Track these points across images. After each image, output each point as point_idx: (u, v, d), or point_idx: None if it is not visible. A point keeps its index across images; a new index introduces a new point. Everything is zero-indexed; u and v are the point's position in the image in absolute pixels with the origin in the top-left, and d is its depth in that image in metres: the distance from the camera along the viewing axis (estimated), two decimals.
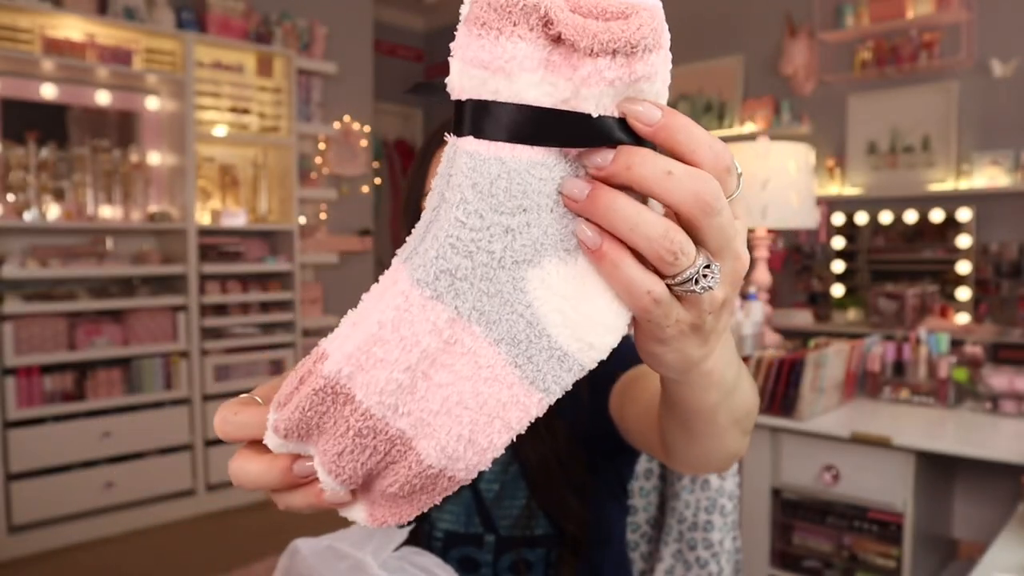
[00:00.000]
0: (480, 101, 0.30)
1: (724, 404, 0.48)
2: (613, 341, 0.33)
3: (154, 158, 3.47)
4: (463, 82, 0.30)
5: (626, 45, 0.29)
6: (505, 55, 0.29)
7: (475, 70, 0.29)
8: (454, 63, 0.30)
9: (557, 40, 0.29)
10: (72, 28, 3.17)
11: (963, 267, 3.78)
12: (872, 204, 4.07)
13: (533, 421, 0.33)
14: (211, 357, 3.42)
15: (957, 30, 3.73)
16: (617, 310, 0.33)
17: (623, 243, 0.32)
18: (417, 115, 6.32)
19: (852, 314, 3.92)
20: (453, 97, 0.31)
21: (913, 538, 1.76)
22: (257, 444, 0.35)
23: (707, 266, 0.32)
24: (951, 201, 3.81)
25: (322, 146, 4.15)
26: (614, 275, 0.32)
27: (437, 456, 0.31)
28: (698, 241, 0.32)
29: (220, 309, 3.50)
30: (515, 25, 0.28)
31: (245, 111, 3.64)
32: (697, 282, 0.32)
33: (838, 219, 4.15)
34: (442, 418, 0.31)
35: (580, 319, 0.33)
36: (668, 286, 0.32)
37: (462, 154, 0.30)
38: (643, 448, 0.77)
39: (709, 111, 4.57)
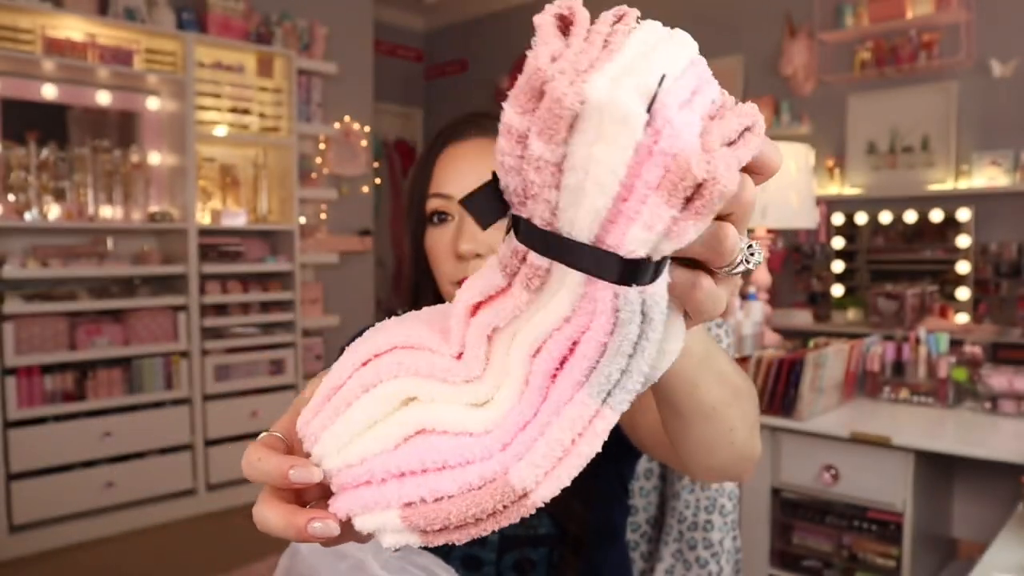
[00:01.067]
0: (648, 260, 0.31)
1: (702, 376, 0.49)
2: (680, 346, 0.37)
3: (154, 158, 3.48)
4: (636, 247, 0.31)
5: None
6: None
7: (648, 235, 0.30)
8: (636, 227, 0.30)
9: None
10: (73, 28, 3.17)
11: (962, 267, 3.78)
12: (872, 204, 4.07)
13: None
14: (211, 357, 3.42)
15: (956, 30, 3.73)
16: (676, 318, 0.36)
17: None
18: (417, 115, 6.32)
19: (852, 314, 3.92)
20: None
21: (912, 538, 1.76)
22: (278, 490, 0.37)
23: (749, 245, 0.35)
24: (950, 201, 3.82)
25: (322, 146, 4.16)
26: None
27: (534, 484, 0.33)
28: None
29: (220, 309, 3.51)
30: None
31: (245, 111, 3.64)
32: (747, 260, 0.35)
33: (838, 219, 4.15)
34: (562, 470, 0.33)
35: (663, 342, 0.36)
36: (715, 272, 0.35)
37: (642, 298, 0.32)
38: (660, 459, 0.78)
39: None
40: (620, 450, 0.88)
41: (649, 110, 0.28)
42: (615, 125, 0.28)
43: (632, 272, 0.31)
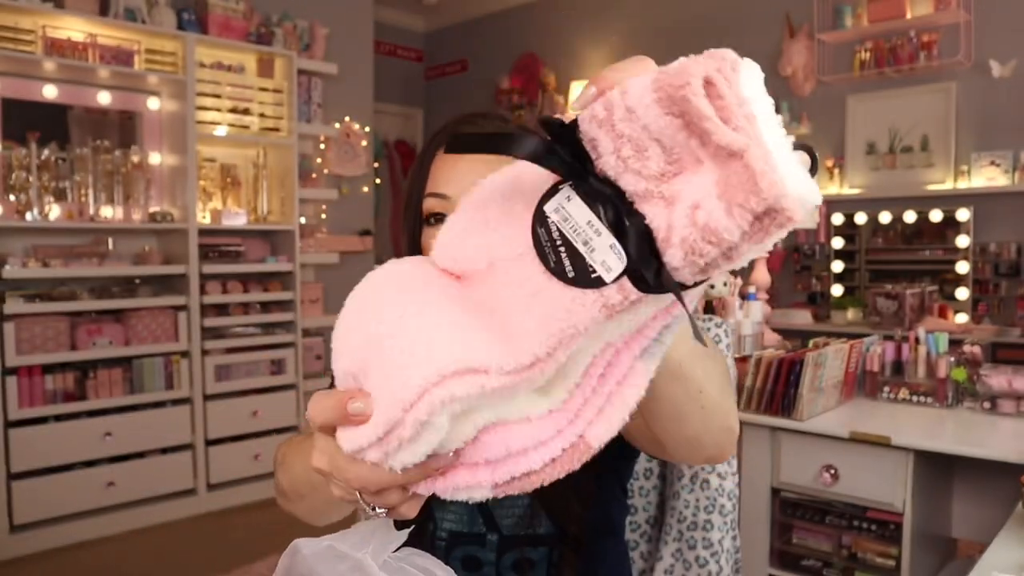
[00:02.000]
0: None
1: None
2: None
3: (155, 158, 3.48)
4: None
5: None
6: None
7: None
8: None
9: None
10: (73, 29, 3.17)
11: (962, 267, 3.79)
12: (871, 204, 4.07)
13: None
14: (212, 357, 3.42)
15: (956, 31, 3.73)
16: None
17: None
18: (417, 115, 6.32)
19: (851, 314, 3.93)
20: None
21: (912, 537, 1.76)
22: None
23: None
24: (950, 201, 3.82)
25: (322, 146, 4.16)
26: None
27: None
28: None
29: (221, 309, 3.51)
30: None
31: (246, 111, 3.65)
32: None
33: (837, 219, 4.15)
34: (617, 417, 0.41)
35: None
36: None
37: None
38: (643, 445, 0.78)
39: None
40: (617, 450, 0.88)
41: None
42: (803, 213, 0.32)
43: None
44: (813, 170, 0.33)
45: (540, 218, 0.37)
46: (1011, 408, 1.90)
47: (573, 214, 0.36)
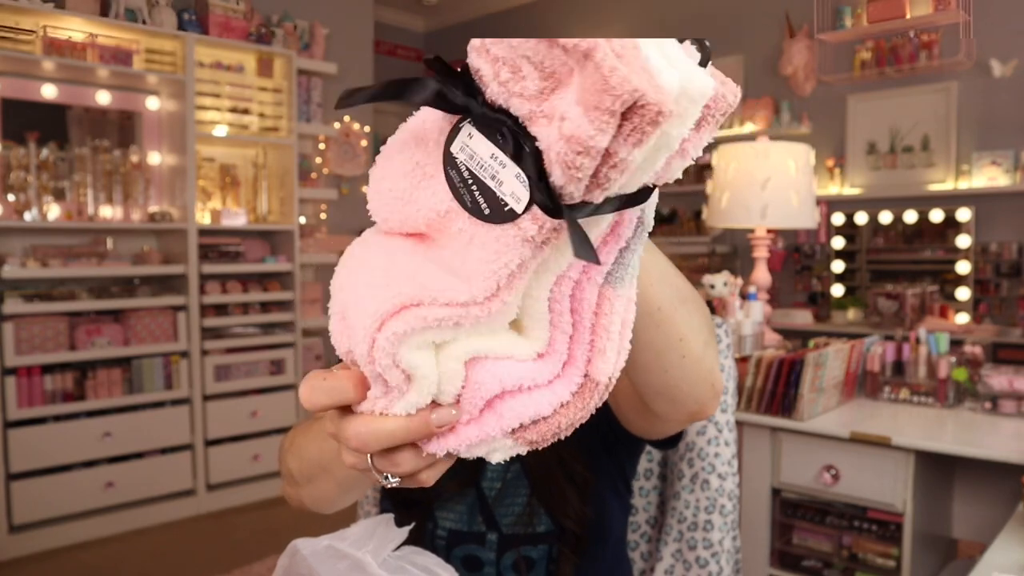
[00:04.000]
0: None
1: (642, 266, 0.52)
2: None
3: (154, 158, 3.48)
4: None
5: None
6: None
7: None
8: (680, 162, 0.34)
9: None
10: (73, 28, 3.17)
11: (962, 267, 3.78)
12: (872, 204, 4.07)
13: None
14: (211, 357, 3.42)
15: (956, 31, 3.73)
16: None
17: None
18: None
19: (852, 314, 3.92)
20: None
21: (912, 538, 1.76)
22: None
23: None
24: (950, 201, 3.82)
25: (322, 146, 4.16)
26: None
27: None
28: None
29: (220, 309, 3.51)
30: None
31: (245, 111, 3.64)
32: None
33: (838, 219, 4.15)
34: (623, 346, 0.40)
35: None
36: None
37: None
38: (628, 414, 0.77)
39: None
40: (615, 439, 0.88)
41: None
42: (692, 104, 0.31)
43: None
44: (704, 62, 0.31)
45: (449, 160, 0.36)
46: (1012, 408, 1.90)
47: (478, 150, 0.34)
